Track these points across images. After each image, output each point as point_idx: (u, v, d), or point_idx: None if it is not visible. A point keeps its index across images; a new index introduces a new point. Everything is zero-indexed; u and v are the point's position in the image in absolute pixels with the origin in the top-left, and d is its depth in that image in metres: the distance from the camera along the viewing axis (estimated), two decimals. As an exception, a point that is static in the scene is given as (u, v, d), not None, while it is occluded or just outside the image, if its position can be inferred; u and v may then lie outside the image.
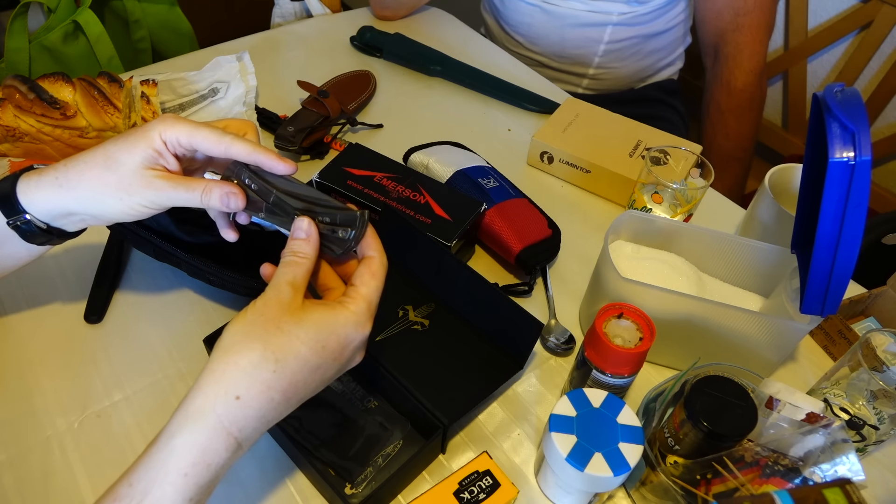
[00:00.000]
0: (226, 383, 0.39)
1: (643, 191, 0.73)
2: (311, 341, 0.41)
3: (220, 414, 0.39)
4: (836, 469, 0.47)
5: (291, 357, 0.40)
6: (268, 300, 0.42)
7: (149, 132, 0.47)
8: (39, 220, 0.50)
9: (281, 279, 0.43)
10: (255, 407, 0.39)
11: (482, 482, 0.50)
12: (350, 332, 0.43)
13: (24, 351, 0.62)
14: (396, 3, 1.14)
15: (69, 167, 0.48)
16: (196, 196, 0.47)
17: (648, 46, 1.18)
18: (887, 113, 1.55)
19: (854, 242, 0.48)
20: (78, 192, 0.48)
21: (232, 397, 0.39)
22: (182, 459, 0.38)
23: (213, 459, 0.39)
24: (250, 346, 0.40)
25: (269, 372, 0.40)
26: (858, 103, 0.46)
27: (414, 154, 0.84)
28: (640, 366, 0.55)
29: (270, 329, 0.40)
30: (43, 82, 0.78)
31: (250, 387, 0.39)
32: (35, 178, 0.49)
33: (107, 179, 0.47)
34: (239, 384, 0.39)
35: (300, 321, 0.41)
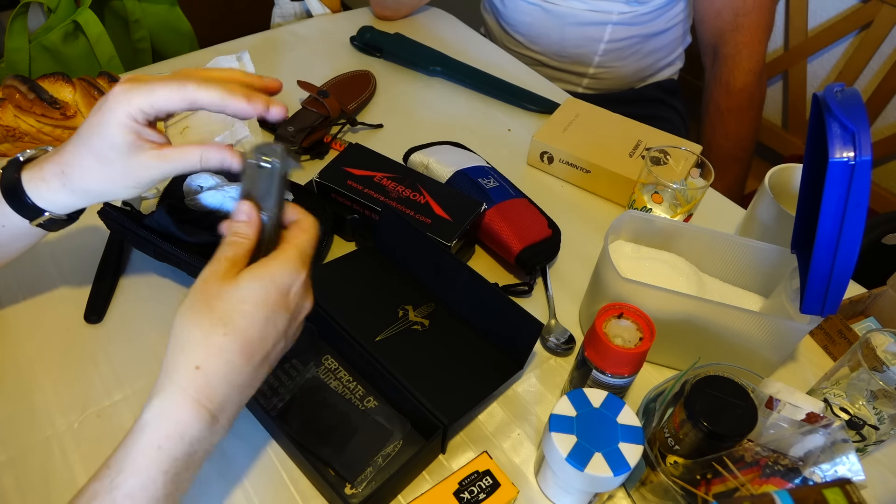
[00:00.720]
0: (184, 357, 0.40)
1: (643, 191, 0.73)
2: (251, 297, 0.42)
3: (185, 386, 0.40)
4: (836, 469, 0.47)
5: (237, 316, 0.41)
6: (206, 276, 0.43)
7: (114, 117, 0.47)
8: (61, 215, 0.53)
9: (219, 255, 0.44)
10: (216, 373, 0.41)
11: (482, 482, 0.50)
12: (286, 277, 0.44)
13: (24, 351, 0.62)
14: (396, 3, 1.14)
15: (66, 171, 0.50)
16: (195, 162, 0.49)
17: (648, 46, 1.18)
18: (887, 113, 1.55)
19: (854, 242, 0.48)
20: (89, 193, 0.51)
21: (192, 368, 0.40)
22: (153, 433, 0.39)
23: (185, 431, 0.40)
24: (198, 318, 0.41)
25: (220, 336, 0.41)
26: (858, 103, 0.46)
27: (414, 154, 0.84)
28: (640, 366, 0.55)
29: (213, 299, 0.42)
30: (43, 82, 0.78)
31: (207, 355, 0.40)
32: (41, 182, 0.51)
33: (109, 175, 0.49)
34: (196, 354, 0.40)
35: (237, 284, 0.42)
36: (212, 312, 0.41)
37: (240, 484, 0.54)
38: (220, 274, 0.43)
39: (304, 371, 0.61)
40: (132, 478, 0.38)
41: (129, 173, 0.49)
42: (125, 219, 0.63)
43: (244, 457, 0.56)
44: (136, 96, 0.47)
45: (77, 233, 0.73)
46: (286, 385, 0.59)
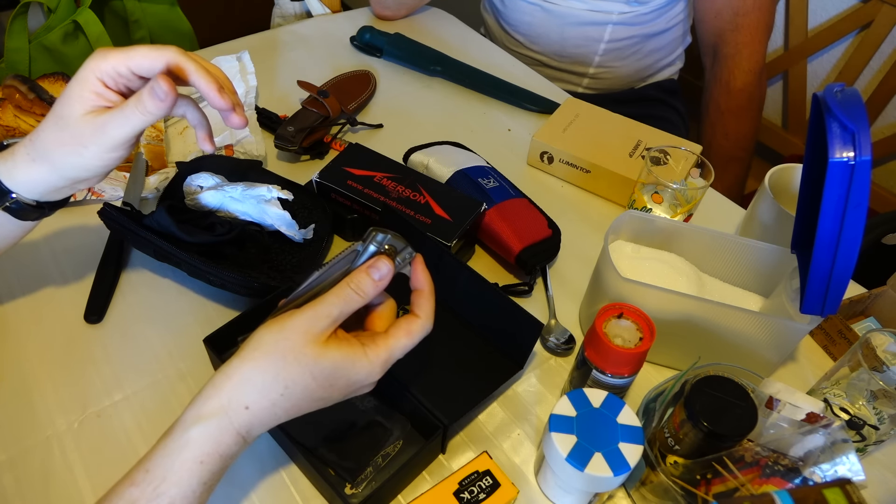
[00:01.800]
0: (239, 393, 0.42)
1: (643, 191, 0.73)
2: (321, 378, 0.43)
3: (232, 417, 0.42)
4: (836, 469, 0.47)
5: (300, 388, 0.43)
6: (303, 323, 0.43)
7: (83, 73, 0.47)
8: (28, 199, 0.51)
9: (327, 309, 0.43)
10: (260, 416, 0.43)
11: (482, 482, 0.50)
12: (362, 378, 0.45)
13: (24, 351, 0.62)
14: (397, 3, 1.14)
15: (34, 139, 0.49)
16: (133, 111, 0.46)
17: (648, 46, 1.18)
18: (887, 113, 1.55)
19: (854, 242, 0.48)
20: (49, 163, 0.49)
21: (242, 406, 0.42)
22: (198, 449, 0.41)
23: (224, 451, 0.42)
24: (267, 365, 0.42)
25: (277, 395, 0.43)
26: (858, 103, 0.46)
27: (414, 154, 0.84)
28: (640, 366, 0.55)
29: (290, 356, 0.42)
30: (43, 82, 0.78)
31: (259, 401, 0.42)
32: (10, 159, 0.50)
33: (63, 139, 0.48)
34: (250, 397, 0.42)
35: (318, 358, 0.43)
36: (280, 371, 0.42)
37: (240, 484, 0.54)
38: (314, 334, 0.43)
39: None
40: (175, 487, 0.40)
41: (79, 135, 0.47)
42: (125, 219, 0.63)
43: (244, 457, 0.56)
44: (111, 55, 0.46)
45: (77, 233, 0.73)
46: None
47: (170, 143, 0.85)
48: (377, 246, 0.46)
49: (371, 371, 0.45)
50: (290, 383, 0.42)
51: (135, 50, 0.47)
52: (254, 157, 0.82)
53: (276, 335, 0.43)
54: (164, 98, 0.46)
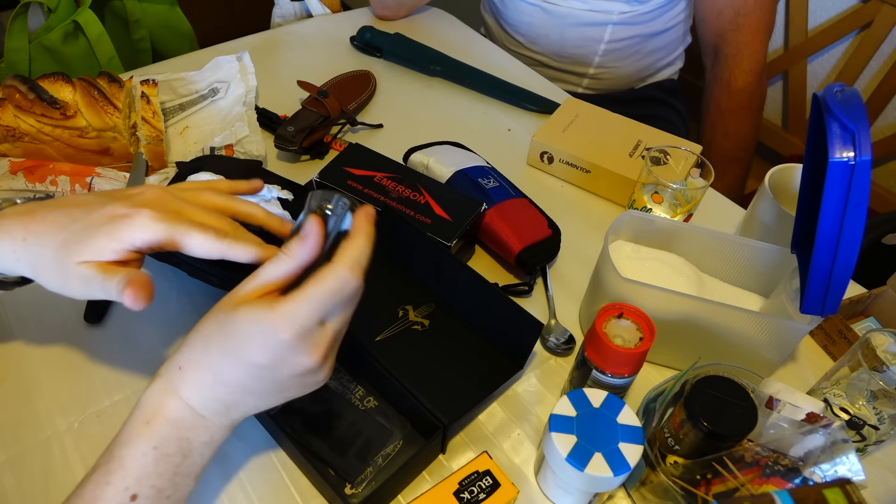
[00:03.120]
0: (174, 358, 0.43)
1: (643, 191, 0.73)
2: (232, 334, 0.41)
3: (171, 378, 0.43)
4: (836, 469, 0.47)
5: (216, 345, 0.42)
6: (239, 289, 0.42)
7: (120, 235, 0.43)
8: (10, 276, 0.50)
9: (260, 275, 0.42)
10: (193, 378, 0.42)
11: (482, 482, 0.50)
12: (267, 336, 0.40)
13: (24, 351, 0.62)
14: (397, 3, 1.14)
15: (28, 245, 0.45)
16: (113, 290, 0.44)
17: (649, 46, 1.18)
18: (887, 113, 1.55)
19: (854, 242, 0.48)
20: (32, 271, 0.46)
21: (176, 367, 0.43)
22: (143, 411, 0.42)
23: (170, 416, 0.42)
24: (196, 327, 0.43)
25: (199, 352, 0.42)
26: (858, 103, 0.46)
27: (414, 154, 0.84)
28: (640, 366, 0.55)
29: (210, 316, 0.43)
30: (43, 82, 0.77)
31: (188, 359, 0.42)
32: None
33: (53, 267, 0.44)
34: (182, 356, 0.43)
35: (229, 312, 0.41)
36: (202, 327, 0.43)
37: (240, 484, 0.54)
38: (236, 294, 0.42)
39: (304, 371, 0.61)
40: (123, 448, 0.42)
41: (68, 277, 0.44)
42: (125, 219, 0.63)
43: (244, 457, 0.56)
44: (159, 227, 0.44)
45: (77, 233, 0.73)
46: (286, 385, 0.59)
47: (170, 143, 0.85)
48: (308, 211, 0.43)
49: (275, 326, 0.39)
50: (208, 339, 0.42)
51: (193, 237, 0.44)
52: (254, 157, 0.82)
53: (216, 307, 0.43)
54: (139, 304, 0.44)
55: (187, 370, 0.42)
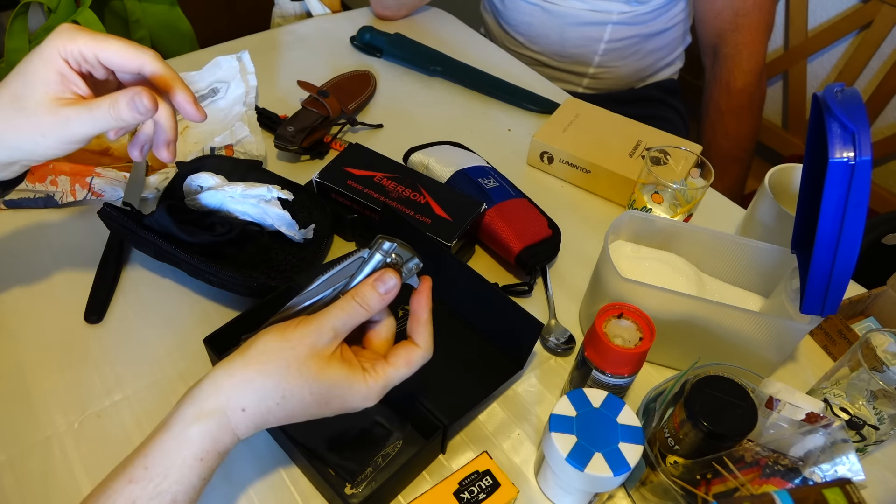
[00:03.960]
0: (239, 395, 0.42)
1: (643, 191, 0.73)
2: (318, 394, 0.43)
3: (230, 416, 0.42)
4: (836, 469, 0.47)
5: (296, 400, 0.43)
6: (308, 335, 0.43)
7: (47, 51, 0.44)
8: None
9: (331, 322, 0.43)
10: (254, 420, 0.43)
11: (482, 482, 0.50)
12: (357, 401, 0.45)
13: (24, 351, 0.62)
14: (397, 3, 1.14)
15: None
16: (104, 114, 0.44)
17: (648, 46, 1.18)
18: (887, 113, 1.55)
19: (854, 242, 0.48)
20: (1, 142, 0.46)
21: (240, 408, 0.42)
22: (198, 447, 0.41)
23: (221, 449, 0.43)
24: (269, 372, 0.42)
25: (274, 403, 0.43)
26: (858, 103, 0.46)
27: (414, 154, 0.84)
28: (640, 366, 0.55)
29: (293, 367, 0.42)
30: (43, 82, 0.77)
31: (257, 406, 0.42)
32: None
33: (18, 123, 0.44)
34: (248, 400, 0.42)
35: (319, 375, 0.43)
36: (280, 380, 0.42)
37: (240, 484, 0.54)
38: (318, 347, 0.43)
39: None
40: (177, 485, 0.41)
41: (38, 122, 0.44)
42: (125, 219, 0.63)
43: (244, 457, 0.56)
44: (81, 35, 0.43)
45: (77, 233, 0.73)
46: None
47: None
48: (383, 255, 0.45)
49: (367, 396, 0.45)
50: (288, 394, 0.42)
51: (108, 41, 0.44)
52: (254, 157, 0.82)
53: (282, 343, 0.43)
54: (144, 113, 0.44)
55: (252, 415, 0.42)
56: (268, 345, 0.43)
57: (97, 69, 0.46)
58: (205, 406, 0.42)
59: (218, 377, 0.43)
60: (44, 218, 0.74)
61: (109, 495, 0.40)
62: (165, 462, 0.41)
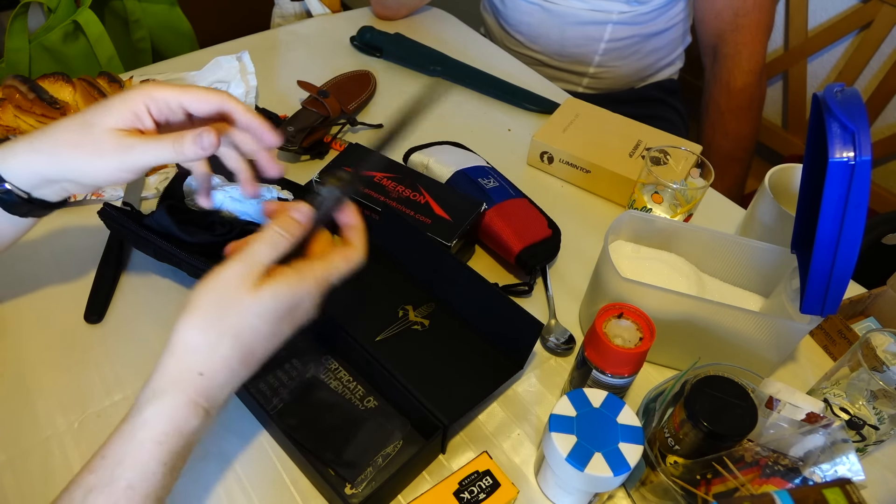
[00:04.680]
0: (186, 361, 0.41)
1: (643, 191, 0.73)
2: (266, 315, 0.42)
3: (187, 391, 0.41)
4: (836, 469, 0.47)
5: (249, 331, 0.42)
6: (230, 272, 0.42)
7: (132, 94, 0.47)
8: (20, 189, 0.49)
9: (255, 255, 0.43)
10: (217, 379, 0.42)
11: (482, 482, 0.50)
12: (306, 300, 0.44)
13: (24, 351, 0.62)
14: (397, 3, 1.14)
15: (44, 131, 0.48)
16: (167, 147, 0.46)
17: (648, 46, 1.18)
18: (887, 113, 1.55)
19: (854, 242, 0.48)
20: (52, 156, 0.48)
21: (195, 374, 0.41)
22: (154, 430, 0.40)
23: (184, 427, 0.41)
24: (206, 323, 0.41)
25: (228, 349, 0.41)
26: (858, 103, 0.46)
27: (414, 154, 0.84)
28: (640, 366, 0.55)
29: (226, 305, 0.41)
30: (43, 82, 0.78)
31: (210, 363, 0.41)
32: (10, 146, 0.48)
33: (79, 141, 0.47)
34: (199, 362, 0.41)
35: (258, 296, 0.42)
36: (222, 323, 0.41)
37: (240, 484, 0.54)
38: (247, 280, 0.42)
39: (304, 371, 0.61)
40: (131, 470, 0.39)
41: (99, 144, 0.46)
42: (125, 219, 0.63)
43: (244, 457, 0.56)
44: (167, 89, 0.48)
45: (77, 233, 0.73)
46: (286, 385, 0.59)
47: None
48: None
49: (310, 290, 0.44)
50: (237, 331, 0.41)
51: (190, 89, 0.48)
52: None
53: (209, 292, 0.42)
54: (207, 149, 0.47)
55: (212, 375, 0.41)
56: (196, 299, 0.42)
57: (177, 115, 0.49)
58: (157, 387, 0.41)
59: (164, 354, 0.41)
60: (44, 218, 0.74)
61: (71, 488, 0.40)
62: (121, 448, 0.40)
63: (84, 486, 0.39)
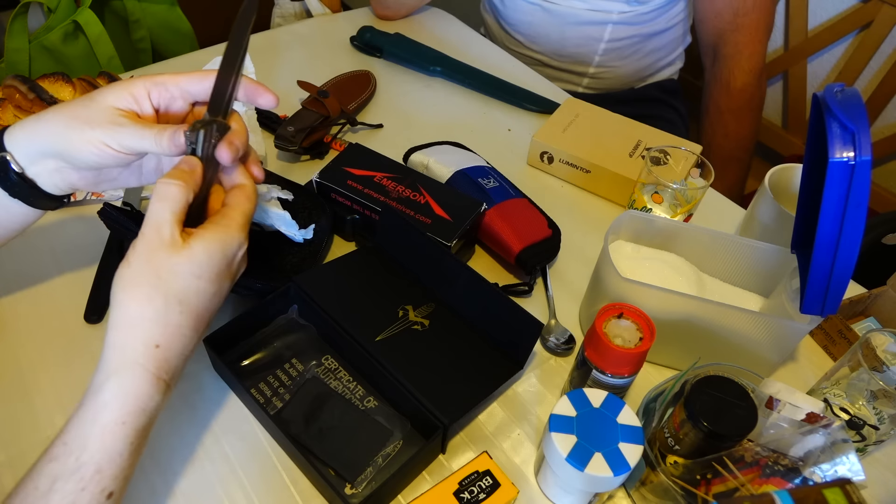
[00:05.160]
0: (139, 336, 0.41)
1: (643, 191, 0.73)
2: (206, 273, 0.42)
3: (145, 364, 0.40)
4: (836, 469, 0.47)
5: (193, 294, 0.42)
6: (151, 242, 0.41)
7: (134, 81, 0.48)
8: (15, 161, 0.48)
9: (160, 216, 0.42)
10: (174, 348, 0.42)
11: (482, 482, 0.50)
12: (234, 247, 0.45)
13: (24, 351, 0.62)
14: (397, 2, 1.14)
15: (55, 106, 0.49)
16: (150, 136, 0.46)
17: (648, 46, 1.18)
18: (887, 113, 1.55)
19: (854, 242, 0.48)
20: (50, 125, 0.47)
21: (151, 347, 0.41)
22: (117, 410, 0.40)
23: (147, 405, 0.41)
24: (148, 295, 0.41)
25: (177, 314, 0.41)
26: (858, 103, 0.46)
27: (414, 154, 0.84)
28: (640, 366, 0.55)
29: (163, 273, 0.41)
30: (43, 82, 0.78)
31: (164, 332, 0.41)
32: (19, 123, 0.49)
33: (77, 113, 0.47)
34: (153, 333, 0.41)
35: (190, 257, 0.42)
36: (166, 288, 0.41)
37: (240, 484, 0.54)
38: (168, 242, 0.41)
39: (304, 371, 0.61)
40: (98, 453, 0.39)
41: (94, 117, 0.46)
42: (125, 219, 0.63)
43: (244, 457, 0.56)
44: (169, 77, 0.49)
45: (77, 233, 0.73)
46: (286, 385, 0.59)
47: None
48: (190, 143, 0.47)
49: (235, 235, 0.45)
50: (182, 295, 0.41)
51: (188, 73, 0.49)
52: (254, 157, 0.82)
53: (131, 268, 0.41)
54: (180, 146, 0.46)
55: (168, 345, 0.41)
56: (125, 279, 0.41)
57: (177, 100, 0.50)
58: (111, 366, 0.40)
59: (110, 335, 0.41)
60: (44, 218, 0.74)
61: (32, 477, 0.39)
62: (83, 433, 0.39)
63: (47, 475, 0.38)
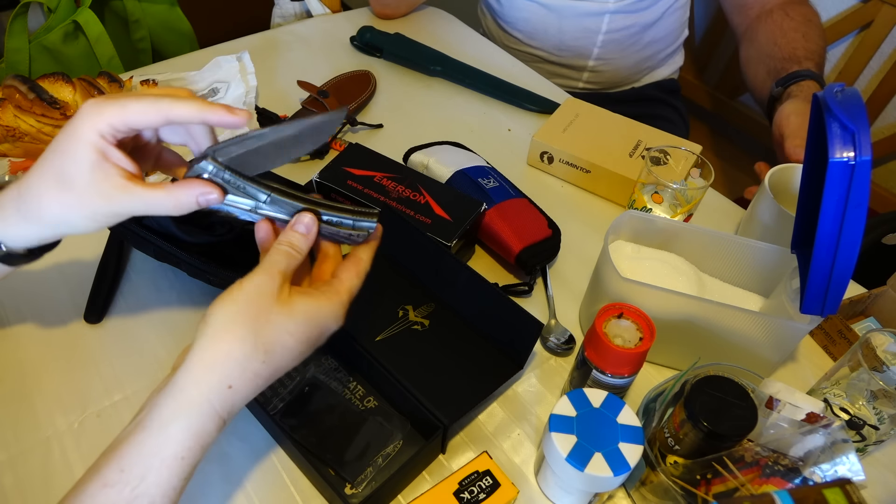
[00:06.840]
0: (219, 374, 0.40)
1: (643, 191, 0.73)
2: (297, 333, 0.43)
3: (214, 402, 0.40)
4: (836, 469, 0.47)
5: (279, 348, 0.42)
6: (259, 287, 0.42)
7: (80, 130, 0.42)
8: (19, 249, 0.48)
9: (274, 267, 0.43)
10: (243, 392, 0.42)
11: (482, 482, 0.50)
12: (332, 324, 0.45)
13: (24, 351, 0.62)
14: (396, 1, 1.14)
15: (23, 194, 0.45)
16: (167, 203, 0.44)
17: (647, 37, 1.17)
18: (887, 113, 1.55)
19: (854, 242, 0.48)
20: (45, 222, 0.45)
21: (225, 387, 0.40)
22: (179, 445, 0.39)
23: (206, 441, 0.41)
24: (242, 336, 0.41)
25: (259, 363, 0.41)
26: (858, 103, 0.46)
27: (414, 154, 0.84)
28: (640, 366, 0.55)
29: (261, 320, 0.41)
30: (43, 82, 0.78)
31: (241, 376, 0.41)
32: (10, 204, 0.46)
33: (66, 201, 0.44)
34: (232, 375, 0.41)
35: (290, 314, 0.42)
36: (257, 337, 0.41)
37: (240, 484, 0.54)
38: (274, 293, 0.42)
39: (304, 371, 0.61)
40: (154, 487, 0.39)
41: (88, 201, 0.43)
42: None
43: (245, 457, 0.56)
44: (106, 110, 0.42)
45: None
46: (286, 385, 0.59)
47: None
48: None
49: (337, 312, 0.45)
50: (270, 347, 0.41)
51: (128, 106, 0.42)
52: (254, 157, 0.82)
53: (236, 306, 0.41)
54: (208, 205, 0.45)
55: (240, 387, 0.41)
56: (222, 315, 0.41)
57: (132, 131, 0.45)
58: (184, 400, 0.40)
59: (192, 366, 0.40)
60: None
61: (83, 500, 0.38)
62: (143, 463, 0.39)
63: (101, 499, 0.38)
